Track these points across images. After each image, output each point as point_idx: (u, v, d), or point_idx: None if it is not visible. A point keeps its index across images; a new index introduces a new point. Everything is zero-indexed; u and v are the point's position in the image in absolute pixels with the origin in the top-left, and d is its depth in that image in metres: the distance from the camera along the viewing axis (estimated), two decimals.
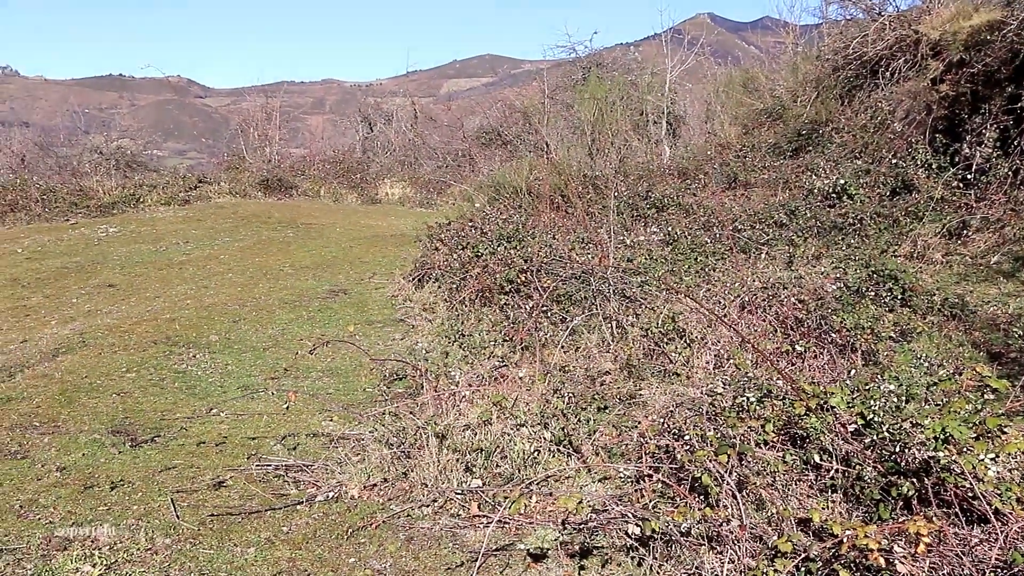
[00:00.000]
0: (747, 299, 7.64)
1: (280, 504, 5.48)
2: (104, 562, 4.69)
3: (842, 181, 12.21)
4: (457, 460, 5.60)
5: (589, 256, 9.89)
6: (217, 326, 10.35)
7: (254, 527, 5.16)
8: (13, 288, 14.18)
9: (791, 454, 4.67)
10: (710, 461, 4.45)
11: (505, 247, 10.50)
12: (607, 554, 4.56)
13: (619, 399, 6.77)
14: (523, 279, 9.53)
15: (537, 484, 5.30)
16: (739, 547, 3.99)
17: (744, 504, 4.23)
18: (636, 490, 5.00)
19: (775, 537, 3.98)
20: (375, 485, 5.66)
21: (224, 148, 37.13)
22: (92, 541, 4.95)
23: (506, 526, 4.96)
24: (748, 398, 5.08)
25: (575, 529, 4.73)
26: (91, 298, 13.17)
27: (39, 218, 21.98)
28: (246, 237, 17.51)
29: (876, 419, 4.51)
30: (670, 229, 11.46)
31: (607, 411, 6.50)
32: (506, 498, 5.06)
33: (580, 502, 4.23)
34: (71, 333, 10.62)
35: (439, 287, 10.91)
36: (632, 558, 4.45)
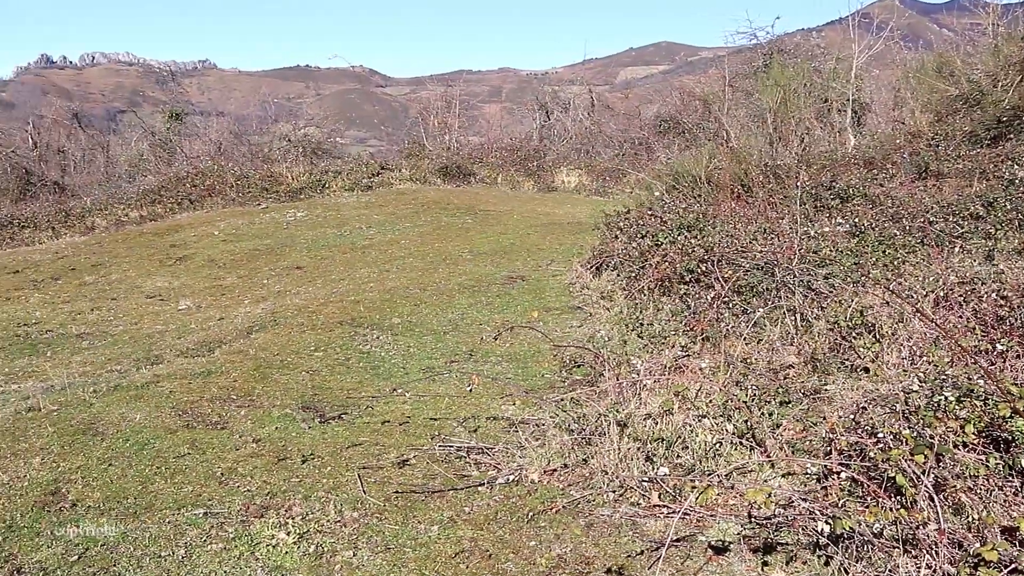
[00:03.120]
0: (942, 294, 7.30)
1: (462, 485, 5.58)
2: (297, 531, 4.90)
3: None
4: (638, 449, 5.58)
5: (772, 247, 9.66)
6: (399, 309, 10.63)
7: (437, 506, 5.28)
8: (211, 268, 14.96)
9: (994, 458, 4.44)
10: (905, 461, 4.27)
11: (685, 236, 10.38)
12: (792, 551, 4.45)
13: (803, 393, 6.59)
14: (703, 269, 9.40)
15: (720, 476, 5.22)
16: (937, 552, 3.83)
17: (942, 507, 4.05)
18: (822, 487, 4.86)
19: (977, 544, 3.79)
20: (555, 470, 5.69)
21: (404, 136, 38.03)
22: (286, 510, 5.18)
23: (686, 517, 4.91)
24: (946, 397, 4.86)
25: (759, 524, 4.64)
26: (280, 279, 13.75)
27: (233, 202, 23.06)
28: (426, 223, 17.92)
29: None
30: (856, 220, 11.06)
31: (790, 405, 6.34)
32: (694, 488, 5.00)
33: (768, 496, 4.14)
34: (263, 312, 11.12)
35: (617, 275, 10.87)
36: (819, 556, 4.32)
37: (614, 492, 5.30)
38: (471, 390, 7.37)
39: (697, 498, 4.81)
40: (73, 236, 21.90)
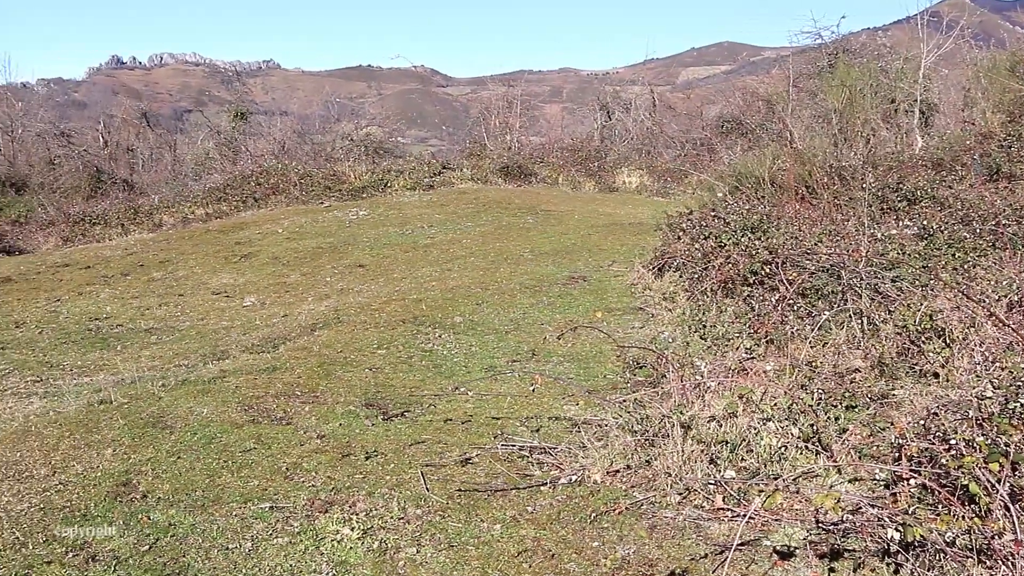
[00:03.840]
0: (1015, 299, 7.15)
1: (524, 484, 5.58)
2: (361, 527, 4.94)
3: None
4: (701, 451, 5.54)
5: (838, 249, 9.53)
6: (461, 308, 10.68)
7: (500, 504, 5.29)
8: (275, 266, 15.15)
9: None
10: (979, 468, 4.19)
11: (749, 237, 10.27)
12: (860, 558, 4.38)
13: (870, 398, 6.50)
14: (767, 271, 9.30)
15: (785, 480, 5.16)
16: (1014, 564, 3.75)
17: (1019, 518, 3.96)
18: (891, 494, 4.78)
19: None
20: (618, 471, 5.67)
21: (465, 135, 38.18)
22: (350, 506, 5.22)
23: (751, 521, 4.86)
24: (1021, 403, 4.75)
25: (825, 529, 4.58)
26: (343, 277, 13.88)
27: (297, 201, 23.32)
28: (487, 222, 17.97)
29: None
30: (924, 223, 10.87)
31: (857, 410, 6.25)
32: (761, 491, 4.96)
33: (837, 501, 4.08)
34: (326, 309, 11.23)
35: (680, 276, 10.81)
36: (888, 564, 4.25)
37: (678, 494, 5.26)
38: (534, 390, 7.37)
39: (764, 502, 4.76)
40: (142, 233, 22.33)
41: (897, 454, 5.03)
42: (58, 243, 22.71)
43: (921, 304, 7.54)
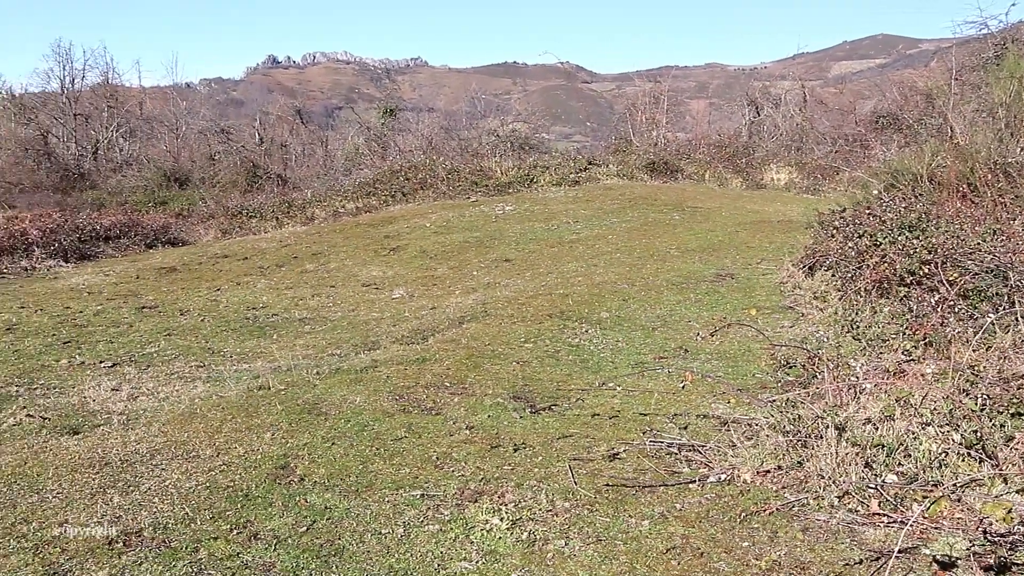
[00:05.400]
0: None
1: (673, 481, 5.54)
2: (510, 517, 4.99)
3: None
4: (856, 454, 5.38)
5: (1003, 249, 9.12)
6: (607, 303, 10.66)
7: (648, 501, 5.26)
8: (422, 259, 15.44)
9: None
10: None
11: (906, 236, 9.93)
12: None
13: None
14: (926, 271, 8.98)
15: (947, 488, 4.98)
16: None
17: None
18: None
19: None
20: (768, 471, 5.57)
21: (610, 132, 38.11)
22: (499, 496, 5.29)
23: (907, 528, 4.70)
24: None
25: (992, 540, 4.40)
26: (490, 271, 14.04)
27: (444, 195, 23.69)
28: (633, 219, 17.89)
29: None
30: None
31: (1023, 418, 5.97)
32: (925, 497, 4.80)
33: (1009, 511, 3.91)
34: (474, 303, 11.38)
35: (832, 275, 10.53)
36: None
37: (834, 497, 5.13)
38: (684, 387, 7.31)
39: (928, 509, 4.60)
40: (295, 226, 23.09)
41: None
42: (217, 235, 23.71)
43: None
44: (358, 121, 42.38)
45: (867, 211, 11.84)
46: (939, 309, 7.76)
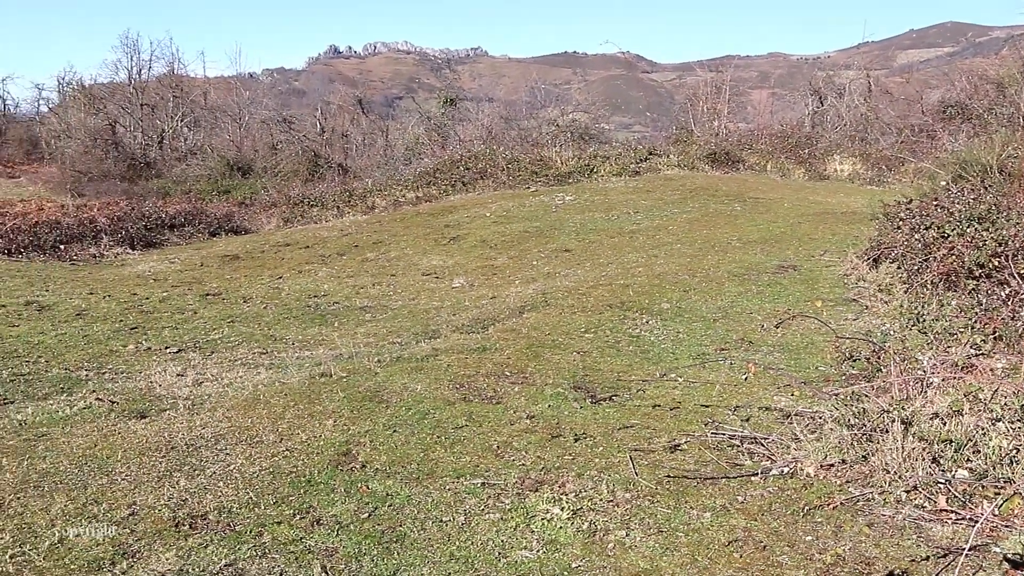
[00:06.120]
0: None
1: (734, 473, 5.50)
2: (571, 507, 4.99)
3: None
4: (923, 449, 5.29)
5: None
6: (668, 294, 10.60)
7: (709, 493, 5.23)
8: (483, 249, 15.47)
9: None
10: None
11: (975, 228, 9.73)
12: None
13: None
14: (996, 264, 8.79)
15: (1019, 485, 4.87)
16: None
17: None
18: None
19: None
20: (832, 465, 5.50)
21: (670, 122, 37.86)
22: (560, 486, 5.29)
23: (976, 525, 4.62)
24: None
25: None
26: (550, 261, 14.03)
27: (504, 185, 23.71)
28: (693, 209, 17.76)
29: None
30: None
31: None
32: (996, 494, 4.70)
33: None
34: (534, 292, 11.38)
35: (897, 268, 10.35)
36: None
37: (900, 492, 5.06)
38: (747, 378, 7.25)
39: (1001, 506, 4.51)
40: (355, 215, 23.28)
41: None
42: (279, 224, 24.00)
43: None
44: (418, 111, 42.57)
45: (934, 202, 11.62)
46: (1010, 302, 7.60)
